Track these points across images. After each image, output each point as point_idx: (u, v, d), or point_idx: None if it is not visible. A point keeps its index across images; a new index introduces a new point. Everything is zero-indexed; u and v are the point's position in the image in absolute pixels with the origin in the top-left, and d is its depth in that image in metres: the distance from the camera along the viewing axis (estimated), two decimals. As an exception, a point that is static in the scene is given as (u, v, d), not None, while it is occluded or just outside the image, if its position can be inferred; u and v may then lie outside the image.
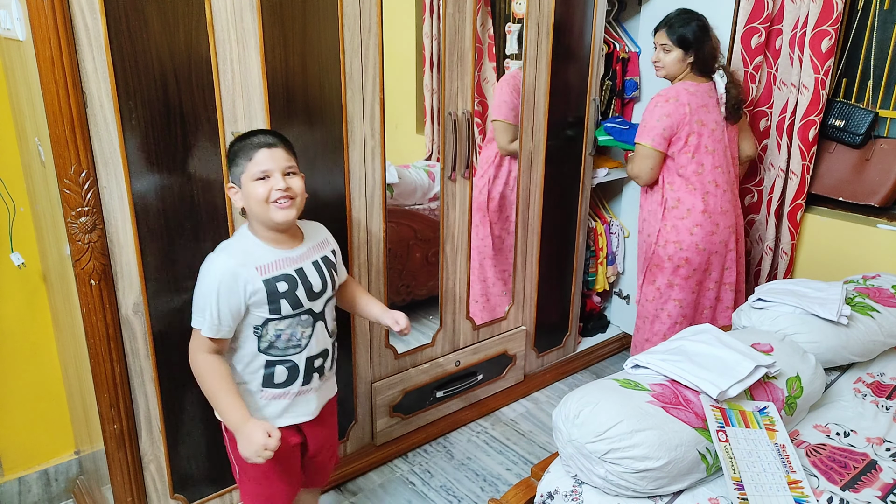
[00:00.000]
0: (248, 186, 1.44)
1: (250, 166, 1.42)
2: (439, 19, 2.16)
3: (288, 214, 1.44)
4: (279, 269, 1.48)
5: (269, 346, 1.50)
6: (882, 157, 2.47)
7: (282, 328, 1.49)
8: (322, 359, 1.59)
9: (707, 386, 1.45)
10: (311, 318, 1.53)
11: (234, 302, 1.43)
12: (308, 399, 1.58)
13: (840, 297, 1.91)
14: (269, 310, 1.46)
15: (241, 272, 1.42)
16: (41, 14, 1.37)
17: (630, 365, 1.61)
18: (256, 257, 1.46)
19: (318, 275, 1.54)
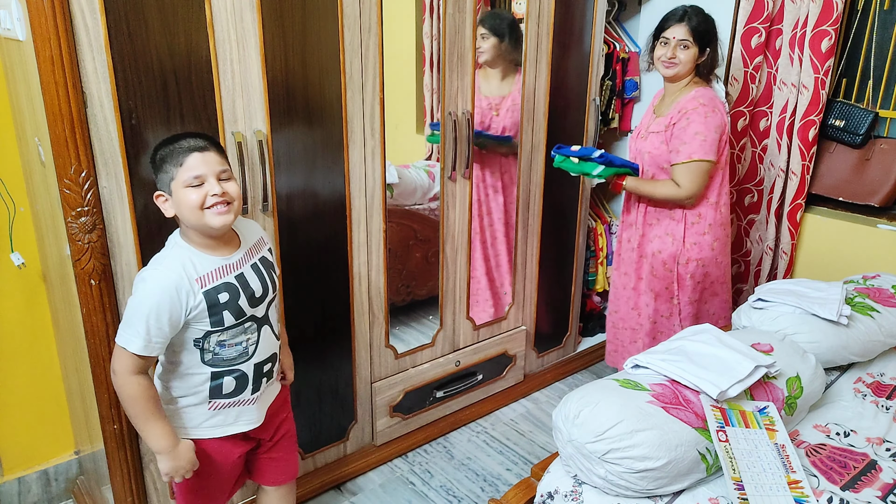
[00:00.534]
0: (179, 193, 1.33)
1: (181, 172, 1.33)
2: (439, 19, 2.16)
3: (226, 220, 1.36)
4: (219, 277, 1.39)
5: (214, 358, 1.42)
6: (882, 157, 2.47)
7: (225, 339, 1.42)
8: (270, 363, 1.53)
9: (707, 386, 1.45)
10: (255, 325, 1.46)
11: (173, 318, 1.33)
12: (257, 405, 1.53)
13: (840, 297, 1.91)
14: (211, 322, 1.38)
15: (182, 286, 1.34)
16: (41, 14, 1.37)
17: (630, 365, 1.61)
18: (195, 268, 1.37)
19: (259, 278, 1.46)
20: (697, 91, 2.22)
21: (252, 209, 1.80)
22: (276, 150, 1.81)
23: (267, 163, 1.78)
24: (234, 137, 1.72)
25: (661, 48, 2.23)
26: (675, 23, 2.20)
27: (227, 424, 1.49)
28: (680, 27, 2.18)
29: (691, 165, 2.17)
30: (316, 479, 2.17)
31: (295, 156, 1.86)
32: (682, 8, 2.22)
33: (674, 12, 2.22)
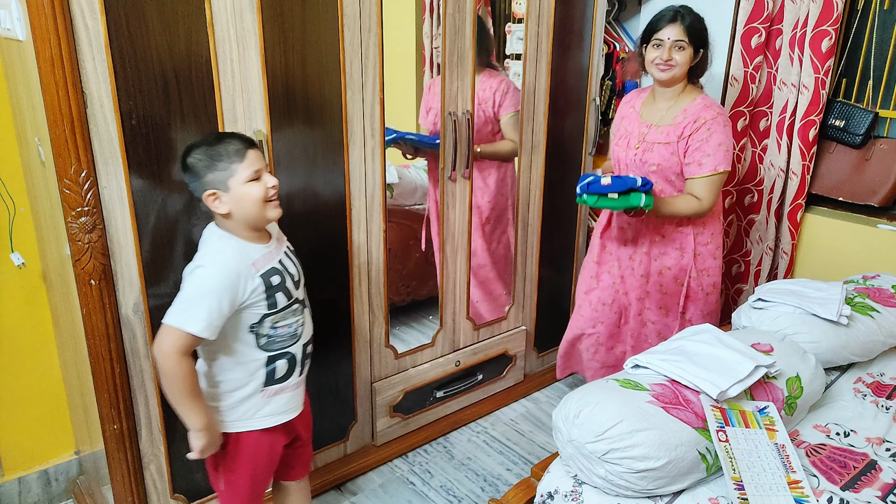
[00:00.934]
0: (240, 189, 1.41)
1: (241, 169, 1.40)
2: (439, 19, 2.16)
3: (277, 214, 1.48)
4: (268, 263, 1.48)
5: (269, 342, 1.50)
6: (882, 157, 2.47)
7: (278, 321, 1.50)
8: (311, 345, 1.62)
9: (707, 386, 1.45)
10: (300, 307, 1.56)
11: (233, 301, 1.41)
12: (298, 391, 1.61)
13: (840, 297, 1.91)
14: (268, 305, 1.46)
15: (241, 270, 1.42)
16: (41, 14, 1.37)
17: (630, 365, 1.61)
18: (249, 255, 1.45)
19: (293, 264, 1.57)
20: (704, 98, 2.13)
21: (252, 209, 1.80)
22: (276, 150, 1.81)
23: (267, 163, 1.78)
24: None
25: (655, 51, 2.10)
26: (668, 23, 2.07)
27: (278, 413, 1.55)
28: (674, 27, 2.06)
29: (714, 178, 2.08)
30: (316, 479, 2.17)
31: (295, 156, 1.86)
32: (673, 8, 2.09)
33: (664, 13, 2.09)
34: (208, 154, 1.41)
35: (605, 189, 1.99)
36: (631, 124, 2.24)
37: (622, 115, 2.31)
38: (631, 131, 2.23)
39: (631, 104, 2.29)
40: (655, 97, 2.21)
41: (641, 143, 2.18)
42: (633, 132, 2.22)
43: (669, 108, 2.16)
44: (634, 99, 2.28)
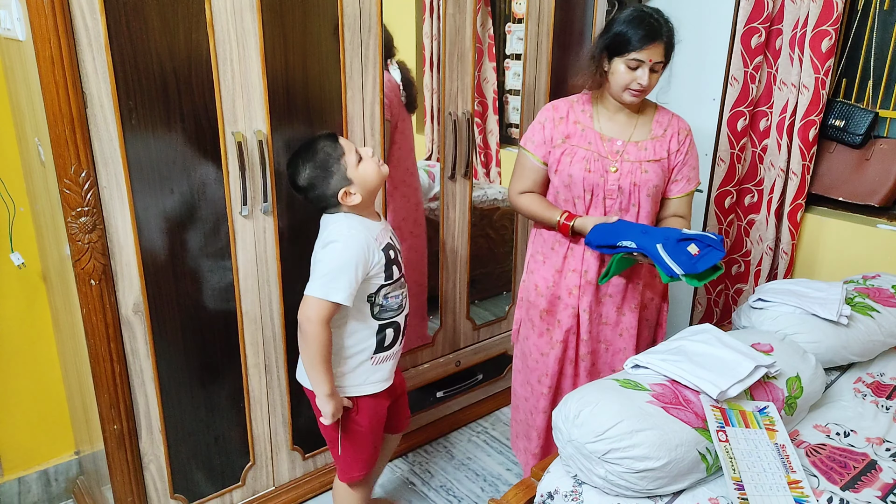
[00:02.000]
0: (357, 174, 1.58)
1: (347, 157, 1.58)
2: (439, 19, 2.16)
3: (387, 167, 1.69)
4: (384, 238, 1.66)
5: (381, 311, 1.66)
6: (882, 157, 2.47)
7: (389, 292, 1.66)
8: (408, 317, 1.77)
9: (707, 386, 1.45)
10: (404, 280, 1.73)
11: (365, 271, 1.58)
12: (397, 357, 1.77)
13: (840, 297, 1.91)
14: (385, 276, 1.63)
15: (370, 244, 1.59)
16: (41, 14, 1.37)
17: (630, 365, 1.61)
18: (371, 231, 1.62)
19: (398, 243, 1.74)
20: (663, 107, 1.93)
21: (252, 210, 1.80)
22: (276, 150, 1.81)
23: (267, 163, 1.78)
24: (234, 137, 1.72)
25: (627, 73, 1.73)
26: (651, 42, 1.71)
27: (384, 380, 1.72)
28: (656, 47, 1.71)
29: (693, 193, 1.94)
30: (316, 479, 2.17)
31: (295, 156, 1.86)
32: (650, 17, 1.73)
33: (641, 25, 1.71)
34: (317, 165, 1.57)
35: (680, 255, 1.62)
36: (592, 142, 1.84)
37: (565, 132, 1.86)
38: (596, 150, 1.83)
39: (569, 117, 1.87)
40: (608, 108, 1.86)
41: (620, 164, 1.83)
42: (599, 151, 1.83)
43: (636, 119, 1.88)
44: (567, 110, 1.88)
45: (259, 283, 1.87)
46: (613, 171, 1.84)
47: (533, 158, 1.92)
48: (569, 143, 1.86)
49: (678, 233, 1.69)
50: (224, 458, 1.96)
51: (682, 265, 1.60)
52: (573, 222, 1.85)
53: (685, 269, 1.60)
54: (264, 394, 1.97)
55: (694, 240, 1.65)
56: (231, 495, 2.00)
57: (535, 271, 2.01)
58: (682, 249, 1.62)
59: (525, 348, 2.08)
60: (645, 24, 1.72)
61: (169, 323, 1.74)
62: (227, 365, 1.88)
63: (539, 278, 1.99)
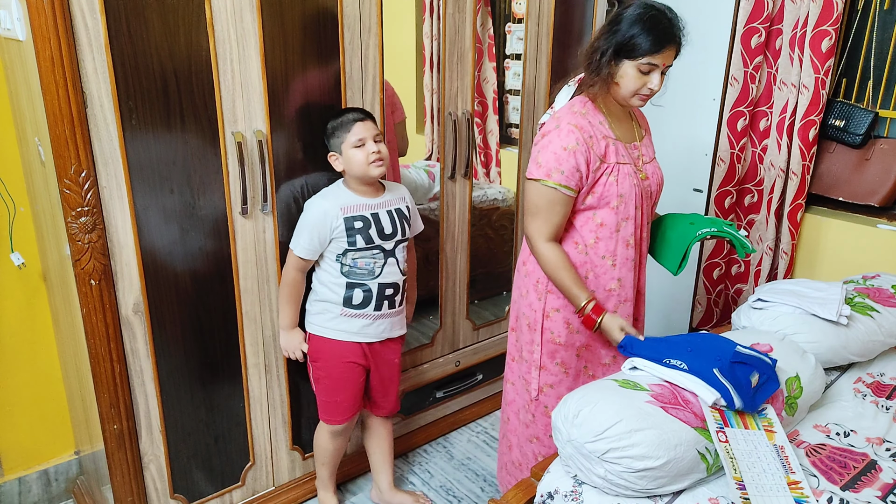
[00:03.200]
0: (348, 153, 1.79)
1: (349, 137, 1.78)
2: (439, 19, 2.16)
3: (381, 171, 1.81)
4: (358, 211, 1.83)
5: (349, 271, 1.86)
6: (882, 157, 2.47)
7: (357, 257, 1.85)
8: (392, 290, 1.92)
9: (703, 392, 1.45)
10: (382, 254, 1.87)
11: (322, 233, 1.80)
12: (379, 323, 1.93)
13: (840, 297, 1.91)
14: (347, 242, 1.82)
15: (329, 211, 1.80)
16: (41, 14, 1.37)
17: (628, 367, 1.60)
18: (342, 201, 1.82)
19: (390, 220, 1.88)
20: None
21: (251, 209, 1.80)
22: (275, 150, 1.81)
23: (267, 163, 1.78)
24: (234, 137, 1.72)
25: (639, 77, 1.63)
26: (667, 45, 1.61)
27: (352, 332, 1.90)
28: (670, 51, 1.62)
29: None
30: (315, 479, 2.17)
31: (295, 156, 1.86)
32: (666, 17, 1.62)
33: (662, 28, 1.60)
34: (332, 125, 1.82)
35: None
36: (624, 154, 1.74)
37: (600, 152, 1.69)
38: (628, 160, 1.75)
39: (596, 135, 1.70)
40: (613, 114, 1.76)
41: (644, 168, 1.79)
42: (630, 160, 1.75)
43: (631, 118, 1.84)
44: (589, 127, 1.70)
45: (259, 283, 1.87)
46: (644, 179, 1.76)
47: (566, 191, 1.68)
48: (607, 161, 1.70)
49: (730, 350, 1.49)
50: (224, 458, 1.96)
51: (743, 397, 1.43)
52: (602, 318, 1.69)
53: (745, 403, 1.43)
54: (264, 394, 1.97)
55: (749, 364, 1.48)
56: (231, 495, 2.00)
57: (563, 308, 1.77)
58: (741, 377, 1.45)
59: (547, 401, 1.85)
60: (659, 25, 1.60)
61: (169, 323, 1.74)
62: (227, 365, 1.88)
63: (570, 314, 1.78)
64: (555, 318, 1.79)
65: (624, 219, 1.73)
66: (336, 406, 1.96)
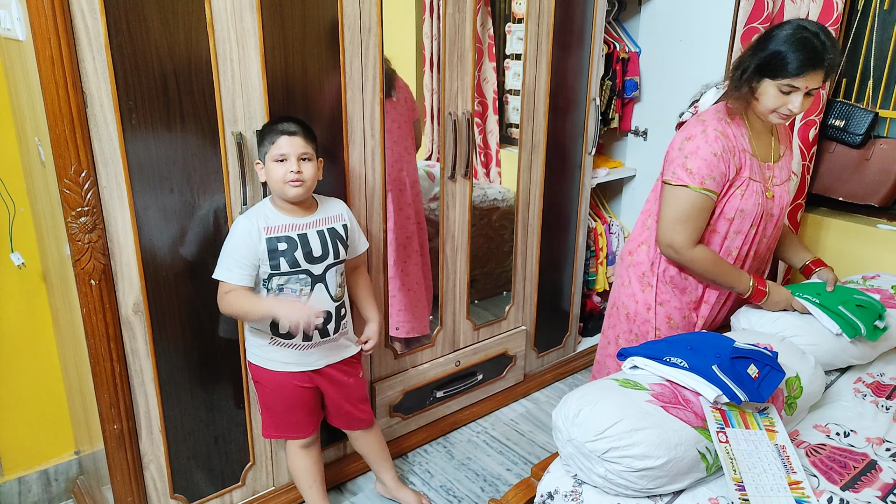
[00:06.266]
0: (269, 165, 1.66)
1: (273, 149, 1.64)
2: (439, 19, 2.16)
3: (297, 193, 1.67)
4: (283, 231, 1.70)
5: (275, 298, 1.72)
6: (882, 157, 2.47)
7: (282, 283, 1.71)
8: (322, 319, 1.74)
9: (704, 389, 1.45)
10: (308, 279, 1.73)
11: (248, 254, 1.66)
12: (310, 353, 1.80)
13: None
14: (270, 265, 1.69)
15: (252, 231, 1.66)
16: (41, 14, 1.37)
17: (628, 366, 1.60)
18: (267, 220, 1.69)
19: (320, 242, 1.74)
20: None
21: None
22: (276, 150, 1.81)
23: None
24: (233, 137, 1.72)
25: (778, 96, 1.62)
26: (811, 69, 1.57)
27: (284, 363, 1.79)
28: (816, 75, 1.58)
29: None
30: None
31: (295, 156, 1.86)
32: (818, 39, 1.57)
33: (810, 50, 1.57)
34: (262, 132, 1.70)
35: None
36: (757, 171, 1.74)
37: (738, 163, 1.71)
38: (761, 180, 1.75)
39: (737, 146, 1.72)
40: (756, 130, 1.77)
41: (773, 189, 1.79)
42: (761, 179, 1.75)
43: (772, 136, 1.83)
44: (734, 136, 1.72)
45: (259, 283, 1.87)
46: (770, 197, 1.76)
47: (713, 196, 1.71)
48: (741, 175, 1.73)
49: (728, 347, 1.51)
50: (224, 458, 1.96)
51: (745, 390, 1.44)
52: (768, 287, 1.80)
53: (749, 395, 1.44)
54: (264, 394, 1.97)
55: (749, 358, 1.49)
56: (231, 495, 2.00)
57: (667, 302, 1.86)
58: (741, 371, 1.46)
59: None
60: (807, 48, 1.57)
61: (169, 323, 1.74)
62: (227, 365, 1.88)
63: (672, 309, 1.88)
64: (658, 311, 1.87)
65: (736, 231, 1.77)
66: (294, 424, 1.87)
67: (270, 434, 1.89)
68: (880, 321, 1.83)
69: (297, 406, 1.85)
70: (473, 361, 2.57)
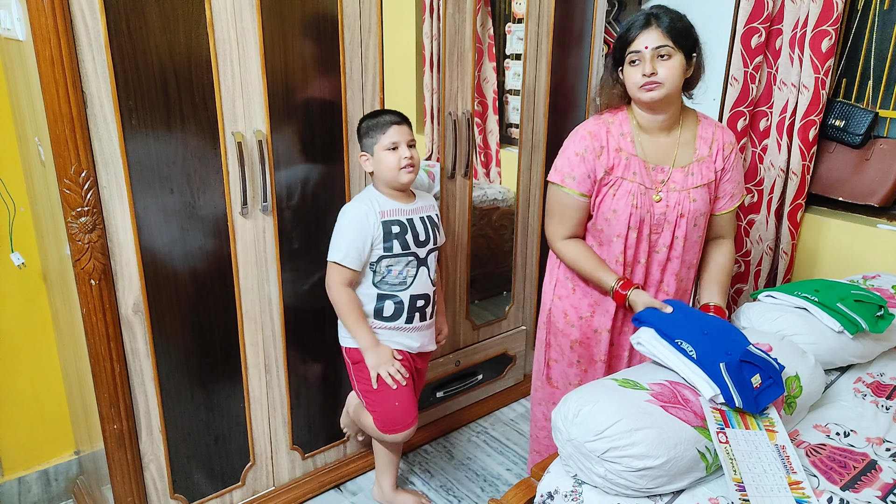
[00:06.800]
0: (379, 155, 1.77)
1: (383, 139, 1.76)
2: (439, 19, 2.16)
3: (411, 178, 1.79)
4: (395, 215, 1.81)
5: (381, 281, 1.82)
6: (882, 157, 2.47)
7: (392, 265, 1.81)
8: (423, 301, 1.88)
9: (703, 386, 1.45)
10: (415, 261, 1.84)
11: (365, 237, 1.76)
12: (412, 336, 1.89)
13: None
14: (384, 248, 1.78)
15: (369, 213, 1.77)
16: (41, 14, 1.37)
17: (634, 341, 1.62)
18: (381, 205, 1.80)
19: (423, 227, 1.86)
20: (706, 117, 1.81)
21: (251, 209, 1.80)
22: (275, 149, 1.81)
23: (267, 163, 1.78)
24: (233, 137, 1.72)
25: (634, 69, 1.63)
26: (642, 29, 1.61)
27: (392, 342, 1.87)
28: (650, 33, 1.60)
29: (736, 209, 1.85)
30: (316, 479, 2.17)
31: (294, 156, 1.86)
32: (650, 11, 1.63)
33: (633, 19, 1.64)
34: (367, 125, 1.80)
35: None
36: (638, 172, 1.71)
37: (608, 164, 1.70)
38: (641, 181, 1.71)
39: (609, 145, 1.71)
40: (646, 129, 1.73)
41: (664, 193, 1.72)
42: (644, 182, 1.71)
43: (678, 139, 1.75)
44: (606, 136, 1.71)
45: (259, 283, 1.87)
46: (658, 201, 1.72)
47: (576, 196, 1.73)
48: (613, 175, 1.71)
49: (743, 347, 1.47)
50: (224, 458, 1.96)
51: (744, 397, 1.42)
52: (629, 293, 1.71)
53: (745, 403, 1.42)
54: (264, 394, 1.97)
55: (757, 366, 1.46)
56: (231, 495, 2.00)
57: (564, 297, 1.88)
58: (745, 377, 1.44)
59: (550, 374, 2.00)
60: (634, 17, 1.65)
61: (169, 323, 1.74)
62: (227, 365, 1.88)
63: (568, 306, 1.87)
64: (557, 304, 1.92)
65: (616, 234, 1.75)
66: (394, 412, 1.85)
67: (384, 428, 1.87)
68: (884, 315, 1.83)
69: (405, 389, 1.85)
70: (473, 361, 2.57)
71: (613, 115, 1.75)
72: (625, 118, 1.73)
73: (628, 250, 1.76)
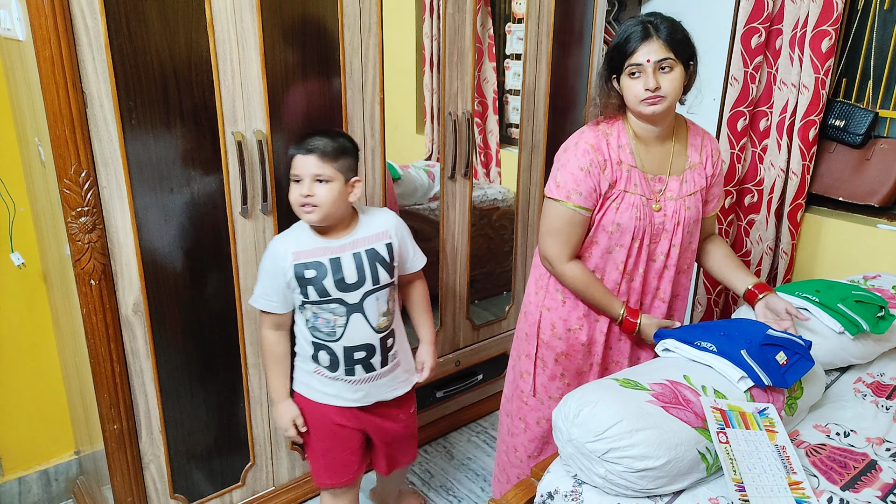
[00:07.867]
0: (291, 185, 1.55)
1: (294, 167, 1.54)
2: (439, 19, 2.16)
3: (310, 219, 1.55)
4: (313, 256, 1.56)
5: (312, 328, 1.61)
6: (882, 157, 2.47)
7: (317, 312, 1.59)
8: (365, 352, 1.63)
9: (728, 371, 1.49)
10: (343, 309, 1.58)
11: (277, 280, 1.57)
12: (354, 388, 1.66)
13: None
14: (300, 293, 1.57)
15: (280, 255, 1.56)
16: (41, 14, 1.37)
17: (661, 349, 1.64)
18: (298, 243, 1.57)
19: (356, 267, 1.58)
20: (693, 124, 1.81)
21: (251, 209, 1.80)
22: (275, 149, 1.81)
23: (267, 163, 1.78)
24: (234, 137, 1.72)
25: (635, 81, 1.59)
26: (642, 41, 1.57)
27: (329, 395, 1.66)
28: (650, 45, 1.56)
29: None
30: (316, 479, 2.17)
31: (295, 156, 1.86)
32: (640, 19, 1.60)
33: (629, 29, 1.59)
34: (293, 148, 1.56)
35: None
36: (639, 184, 1.69)
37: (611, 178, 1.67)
38: (642, 193, 1.69)
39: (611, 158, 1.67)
40: (643, 139, 1.70)
41: (662, 202, 1.71)
42: (645, 193, 1.69)
43: (672, 148, 1.74)
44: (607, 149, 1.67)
45: (259, 283, 1.87)
46: (657, 210, 1.70)
47: (584, 212, 1.68)
48: (616, 188, 1.67)
49: (762, 333, 1.51)
50: (224, 458, 1.96)
51: (771, 375, 1.45)
52: (640, 320, 1.73)
53: (774, 380, 1.44)
54: (264, 394, 1.97)
55: (780, 346, 1.49)
56: (231, 495, 2.00)
57: (553, 309, 1.80)
58: (770, 357, 1.47)
59: (525, 386, 1.88)
60: (635, 28, 1.59)
61: (169, 323, 1.74)
62: (227, 365, 1.88)
63: (556, 318, 1.80)
64: (545, 316, 1.82)
65: (617, 244, 1.72)
66: (329, 467, 1.71)
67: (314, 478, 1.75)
68: (885, 316, 1.83)
69: (335, 446, 1.69)
70: (473, 361, 2.57)
71: (610, 125, 1.70)
72: (622, 129, 1.70)
73: (629, 260, 1.74)
